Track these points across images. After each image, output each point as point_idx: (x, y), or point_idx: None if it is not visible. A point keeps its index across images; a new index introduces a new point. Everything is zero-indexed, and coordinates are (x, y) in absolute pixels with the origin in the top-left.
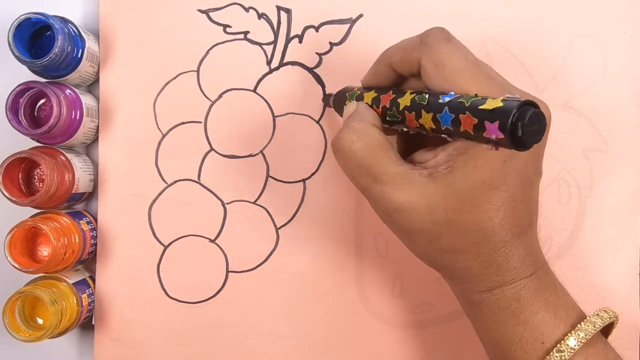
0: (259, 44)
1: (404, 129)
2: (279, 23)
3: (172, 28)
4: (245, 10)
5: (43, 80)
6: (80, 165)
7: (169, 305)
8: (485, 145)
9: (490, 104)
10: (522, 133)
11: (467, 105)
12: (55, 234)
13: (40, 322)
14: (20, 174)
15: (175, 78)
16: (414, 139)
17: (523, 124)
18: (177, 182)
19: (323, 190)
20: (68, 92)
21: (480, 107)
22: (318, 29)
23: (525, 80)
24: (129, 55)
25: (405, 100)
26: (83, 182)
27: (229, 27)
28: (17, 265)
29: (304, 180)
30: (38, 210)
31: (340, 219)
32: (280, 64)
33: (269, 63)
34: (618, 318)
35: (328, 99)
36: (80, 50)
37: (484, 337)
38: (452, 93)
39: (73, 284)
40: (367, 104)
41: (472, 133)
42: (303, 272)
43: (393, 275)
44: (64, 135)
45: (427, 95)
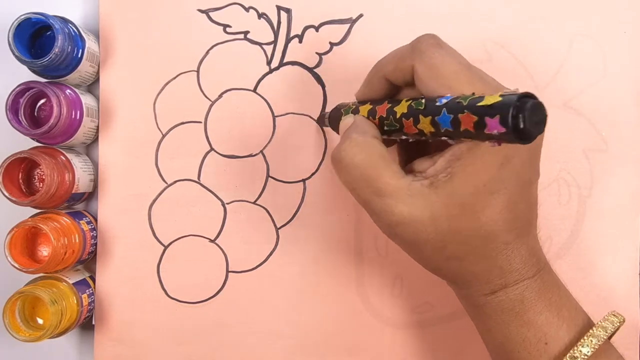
0: (259, 44)
1: (403, 137)
2: (279, 23)
3: (172, 28)
4: (245, 10)
5: (43, 80)
6: (80, 165)
7: (169, 305)
8: (488, 143)
9: (489, 100)
10: (524, 124)
11: (465, 104)
12: (55, 234)
13: (40, 322)
14: (21, 174)
15: (175, 78)
16: (412, 149)
17: (524, 115)
18: (177, 182)
19: (323, 190)
20: (68, 92)
21: (479, 104)
22: (318, 29)
23: (525, 81)
24: (129, 55)
25: (402, 108)
26: (83, 182)
27: (229, 27)
28: (17, 265)
29: (304, 180)
30: (38, 210)
31: (340, 219)
32: (280, 64)
33: (269, 63)
34: (624, 321)
35: (323, 119)
36: (80, 50)
37: (488, 338)
38: (448, 95)
39: (73, 284)
40: (364, 117)
41: (472, 131)
42: (303, 272)
43: (393, 275)
44: (64, 135)
45: (423, 100)
